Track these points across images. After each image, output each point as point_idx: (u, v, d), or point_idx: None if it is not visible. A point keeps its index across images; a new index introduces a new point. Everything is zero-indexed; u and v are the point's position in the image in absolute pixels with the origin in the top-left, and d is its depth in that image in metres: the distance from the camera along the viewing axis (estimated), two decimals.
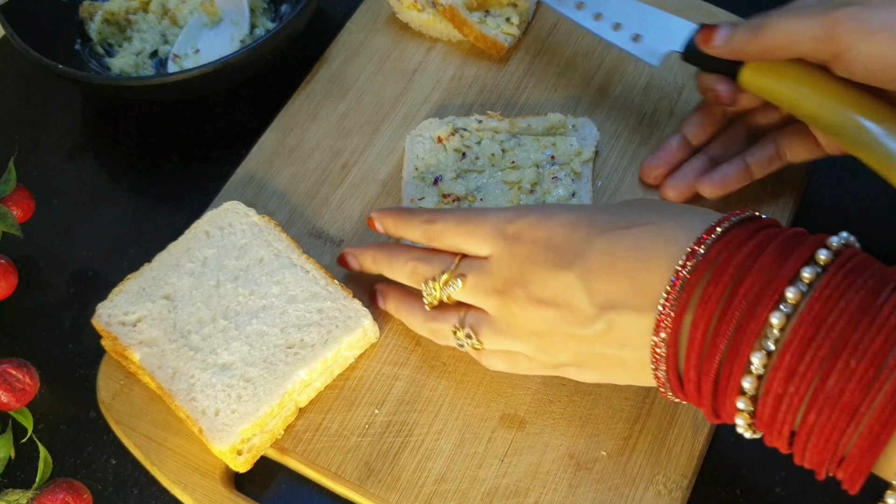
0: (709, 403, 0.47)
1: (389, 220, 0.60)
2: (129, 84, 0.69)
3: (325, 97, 0.71)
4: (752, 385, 0.44)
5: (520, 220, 0.54)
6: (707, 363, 0.46)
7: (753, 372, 0.44)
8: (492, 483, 0.56)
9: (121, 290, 0.61)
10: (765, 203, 0.65)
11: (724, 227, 0.47)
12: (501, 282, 0.53)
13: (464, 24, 0.71)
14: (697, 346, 0.46)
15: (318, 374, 0.58)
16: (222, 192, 0.67)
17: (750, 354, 0.44)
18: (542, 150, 0.66)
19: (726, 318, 0.45)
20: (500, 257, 0.54)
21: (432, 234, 0.57)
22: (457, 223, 0.56)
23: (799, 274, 0.44)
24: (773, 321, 0.43)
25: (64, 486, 0.56)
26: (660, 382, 0.50)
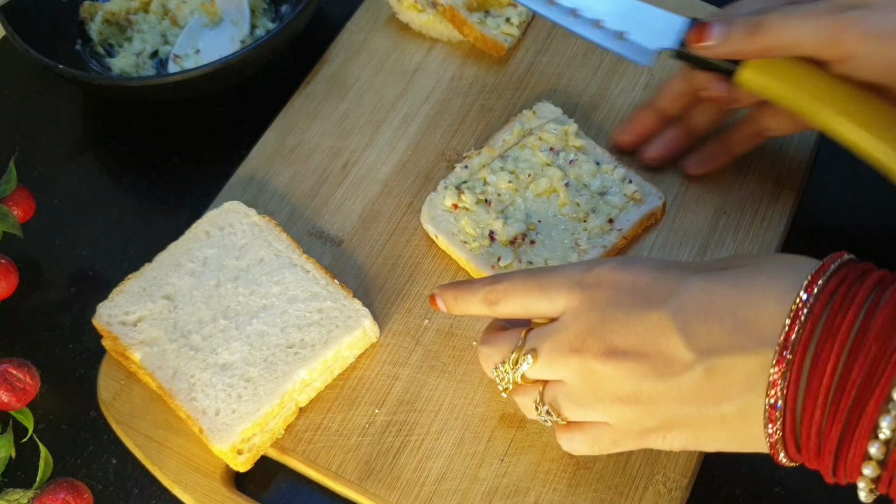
0: (831, 458, 0.42)
1: (449, 295, 0.54)
2: (130, 84, 0.69)
3: (326, 97, 0.71)
4: (890, 425, 0.39)
5: (600, 268, 0.48)
6: (835, 402, 0.41)
7: (892, 411, 0.39)
8: (492, 482, 0.55)
9: (121, 289, 0.60)
10: (764, 203, 0.64)
11: (837, 263, 0.43)
12: (577, 337, 0.47)
13: (464, 24, 0.71)
14: (826, 383, 0.41)
15: (319, 373, 0.58)
16: (223, 192, 0.67)
17: (890, 390, 0.39)
18: (536, 150, 0.65)
19: (859, 348, 0.40)
20: (577, 309, 0.48)
21: (496, 297, 0.51)
22: (524, 280, 0.50)
23: None
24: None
25: (65, 486, 0.56)
26: (772, 433, 0.43)
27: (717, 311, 0.44)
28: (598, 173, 0.64)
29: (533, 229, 0.63)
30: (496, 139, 0.66)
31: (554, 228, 0.63)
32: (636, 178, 0.64)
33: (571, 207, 0.63)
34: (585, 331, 0.47)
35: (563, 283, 0.49)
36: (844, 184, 0.67)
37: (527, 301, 0.50)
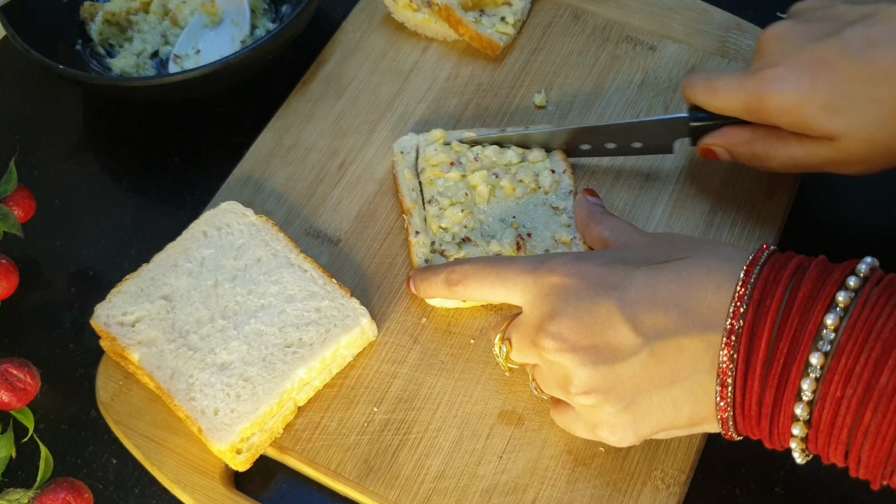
0: (767, 422, 0.45)
1: (417, 276, 0.58)
2: (130, 84, 0.68)
3: (322, 97, 0.71)
4: (810, 387, 0.43)
5: (552, 261, 0.51)
6: (770, 373, 0.44)
7: (810, 374, 0.43)
8: (490, 480, 0.55)
9: (119, 290, 0.60)
10: (759, 201, 0.64)
11: (766, 254, 0.47)
12: (533, 330, 0.50)
13: (459, 23, 0.70)
14: (762, 357, 0.44)
15: (317, 372, 0.57)
16: (220, 192, 0.66)
17: (808, 355, 0.43)
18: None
19: (786, 324, 0.44)
20: (531, 302, 0.51)
21: (456, 278, 0.55)
22: (483, 266, 0.54)
23: (845, 282, 0.44)
24: (828, 322, 0.43)
25: (65, 486, 0.55)
26: (723, 409, 0.46)
27: (661, 301, 0.47)
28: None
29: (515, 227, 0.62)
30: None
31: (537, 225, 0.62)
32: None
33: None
34: (538, 324, 0.50)
35: (517, 273, 0.52)
36: (839, 180, 0.65)
37: (484, 287, 0.53)
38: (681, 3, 0.72)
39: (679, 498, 0.54)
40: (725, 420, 0.46)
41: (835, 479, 0.44)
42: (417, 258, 0.60)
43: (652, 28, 0.71)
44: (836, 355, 0.42)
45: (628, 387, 0.48)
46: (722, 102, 0.57)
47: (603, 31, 0.72)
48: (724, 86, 0.57)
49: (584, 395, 0.49)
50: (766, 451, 0.47)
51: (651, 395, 0.47)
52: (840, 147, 0.54)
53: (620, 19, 0.72)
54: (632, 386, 0.47)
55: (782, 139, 0.57)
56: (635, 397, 0.48)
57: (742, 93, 0.55)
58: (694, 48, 0.70)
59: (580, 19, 0.72)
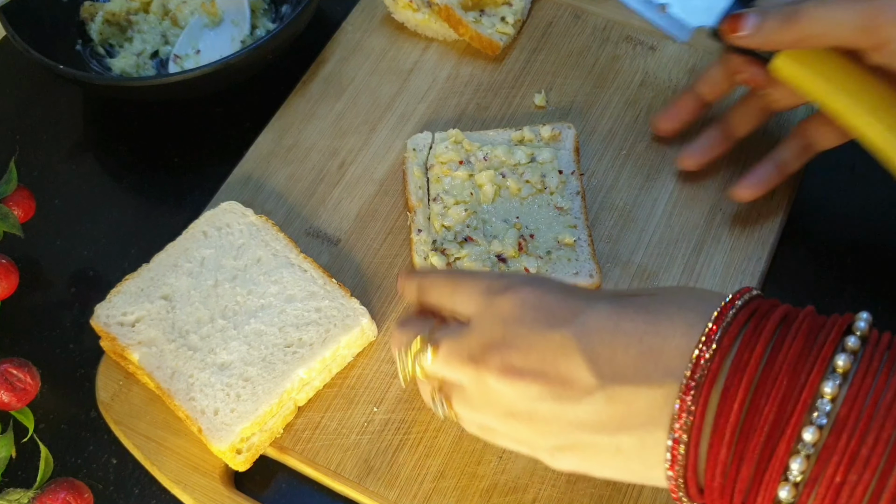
0: (740, 499, 0.39)
1: (401, 279, 0.53)
2: (130, 84, 0.68)
3: (322, 97, 0.70)
4: (801, 468, 0.37)
5: (511, 280, 0.46)
6: (742, 441, 0.38)
7: (801, 452, 0.37)
8: (490, 479, 0.54)
9: (119, 290, 0.60)
10: (759, 201, 0.63)
11: (746, 298, 0.41)
12: (478, 347, 0.45)
13: (459, 23, 0.70)
14: (733, 421, 0.38)
15: (317, 372, 0.57)
16: (220, 192, 0.66)
17: (801, 429, 0.37)
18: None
19: (768, 385, 0.38)
20: (482, 316, 0.45)
21: (423, 286, 0.50)
22: (445, 277, 0.49)
23: (843, 343, 0.38)
24: (826, 390, 0.37)
25: (65, 486, 0.55)
26: (674, 469, 0.40)
27: (623, 336, 0.41)
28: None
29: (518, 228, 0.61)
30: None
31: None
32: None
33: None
34: (486, 343, 0.45)
35: (474, 288, 0.47)
36: (841, 181, 0.66)
37: (442, 297, 0.49)
38: None
39: None
40: (674, 480, 0.41)
41: None
42: (418, 256, 0.60)
43: (652, 28, 0.71)
44: (835, 432, 0.36)
45: (573, 425, 0.43)
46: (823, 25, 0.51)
47: (603, 31, 0.71)
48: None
49: (524, 424, 0.44)
50: None
51: (595, 436, 0.42)
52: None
53: (620, 19, 0.72)
54: (578, 425, 0.43)
55: None
56: (578, 436, 0.43)
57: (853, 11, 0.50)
58: (694, 48, 0.69)
59: (580, 19, 0.72)
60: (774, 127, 0.65)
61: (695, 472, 0.40)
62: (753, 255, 0.61)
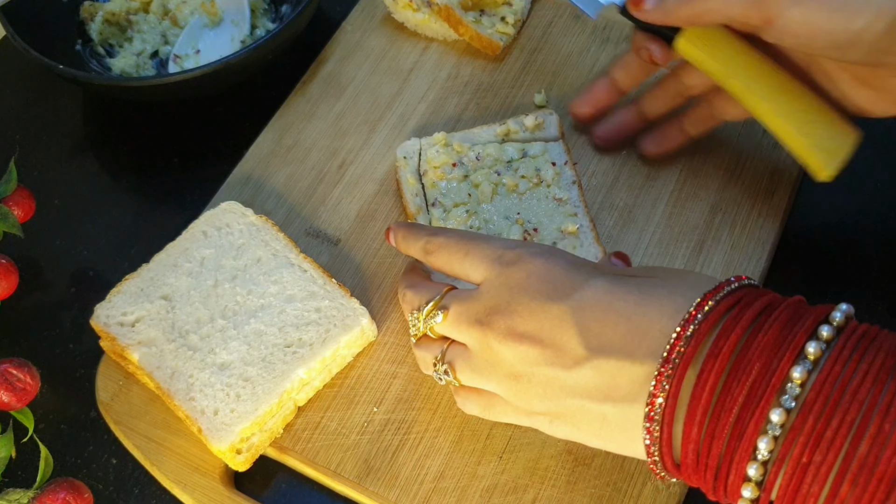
0: (712, 475, 0.41)
1: (400, 232, 0.56)
2: (130, 84, 0.68)
3: (322, 97, 0.70)
4: (768, 447, 0.39)
5: (521, 250, 0.49)
6: (713, 421, 0.41)
7: (770, 433, 0.39)
8: (490, 480, 0.54)
9: (119, 290, 0.59)
10: (759, 199, 0.63)
11: (734, 286, 0.43)
12: (484, 310, 0.48)
13: (459, 23, 0.70)
14: (704, 402, 0.41)
15: (317, 372, 0.57)
16: (219, 192, 0.66)
17: (769, 410, 0.39)
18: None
19: (741, 369, 0.40)
20: (491, 283, 0.49)
21: (430, 248, 0.53)
22: (457, 241, 0.52)
23: (816, 331, 0.40)
24: (795, 375, 0.39)
25: (65, 486, 0.55)
26: (650, 444, 0.43)
27: (614, 314, 0.44)
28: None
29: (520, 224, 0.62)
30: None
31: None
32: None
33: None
34: (492, 307, 0.48)
35: (486, 254, 0.50)
36: (840, 180, 0.65)
37: (452, 261, 0.51)
38: None
39: (679, 498, 0.53)
40: (652, 457, 0.44)
41: None
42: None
43: None
44: (802, 413, 0.38)
45: (564, 389, 0.46)
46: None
47: (603, 31, 0.71)
48: None
49: (521, 386, 0.47)
50: None
51: (583, 402, 0.45)
52: None
53: (620, 19, 0.71)
54: (568, 390, 0.46)
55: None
56: (568, 400, 0.46)
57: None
58: None
59: (580, 19, 0.72)
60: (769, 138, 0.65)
61: (670, 449, 0.43)
62: (753, 255, 0.61)
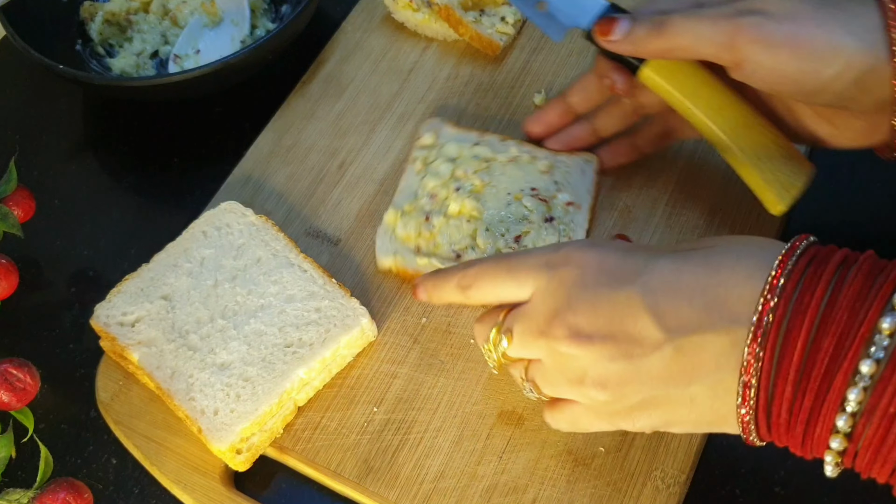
0: (801, 429, 0.41)
1: (429, 283, 0.52)
2: (130, 84, 0.68)
3: (322, 97, 0.70)
4: (857, 398, 0.39)
5: (567, 248, 0.47)
6: (805, 377, 0.40)
7: (859, 383, 0.39)
8: (490, 480, 0.54)
9: (119, 290, 0.59)
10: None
11: (805, 244, 0.42)
12: (544, 319, 0.46)
13: (459, 23, 0.70)
14: (797, 360, 0.40)
15: (317, 372, 0.57)
16: (219, 192, 0.66)
17: (858, 362, 0.38)
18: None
19: (829, 323, 0.39)
20: (544, 290, 0.46)
21: (467, 282, 0.50)
22: (494, 264, 0.49)
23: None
24: (884, 326, 0.38)
25: (65, 486, 0.55)
26: (745, 412, 0.42)
27: (687, 290, 0.43)
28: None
29: None
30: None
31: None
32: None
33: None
34: (552, 313, 0.46)
35: (531, 264, 0.48)
36: (840, 182, 0.65)
37: (496, 285, 0.49)
38: None
39: (679, 498, 0.53)
40: (746, 423, 0.43)
41: (835, 480, 0.44)
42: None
43: None
44: (891, 364, 0.38)
45: (646, 381, 0.44)
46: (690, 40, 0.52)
47: None
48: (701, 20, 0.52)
49: (600, 388, 0.45)
50: (766, 451, 0.46)
51: (668, 389, 0.44)
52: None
53: None
54: (649, 381, 0.44)
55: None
56: (652, 392, 0.45)
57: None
58: None
59: None
60: None
61: (766, 412, 0.42)
62: None
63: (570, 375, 0.46)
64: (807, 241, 0.43)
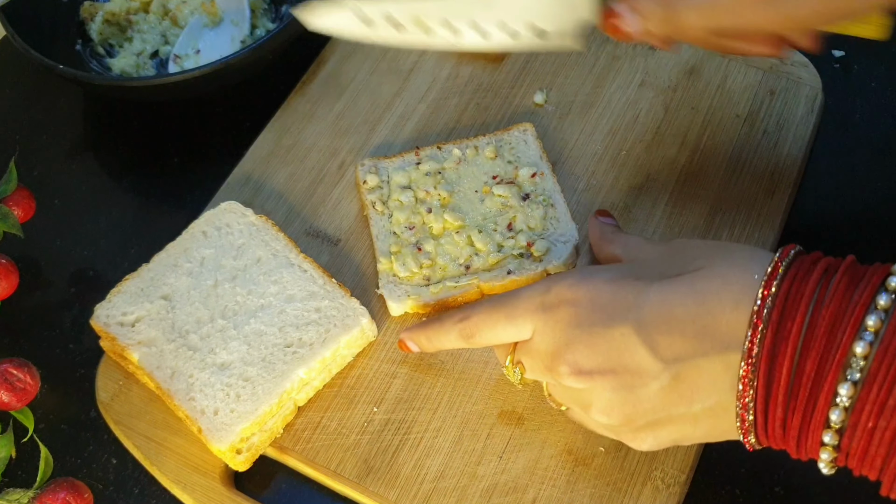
0: (794, 442, 0.44)
1: (422, 336, 0.54)
2: (130, 84, 0.68)
3: (322, 97, 0.70)
4: (839, 418, 0.41)
5: (558, 286, 0.48)
6: (793, 398, 0.42)
7: (839, 404, 0.41)
8: (490, 480, 0.54)
9: (119, 290, 0.59)
10: (759, 199, 0.63)
11: (787, 262, 0.44)
12: (549, 357, 0.48)
13: None
14: (784, 383, 0.42)
15: (317, 372, 0.57)
16: (219, 192, 0.66)
17: (836, 385, 0.41)
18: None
19: (810, 349, 0.41)
20: (542, 331, 0.48)
21: (469, 332, 0.52)
22: (491, 310, 0.51)
23: (874, 301, 0.41)
24: (857, 350, 0.40)
25: (65, 486, 0.55)
26: (744, 427, 0.45)
27: (678, 322, 0.45)
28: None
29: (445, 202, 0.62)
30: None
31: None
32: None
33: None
34: (552, 353, 0.48)
35: (526, 307, 0.49)
36: (840, 180, 0.65)
37: (497, 332, 0.51)
38: None
39: (679, 498, 0.53)
40: (747, 435, 0.45)
41: (835, 480, 0.44)
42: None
43: None
44: (867, 385, 0.40)
45: (648, 407, 0.46)
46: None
47: None
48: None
49: (605, 416, 0.47)
50: (766, 451, 0.46)
51: (670, 411, 0.46)
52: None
53: None
54: (652, 406, 0.46)
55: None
56: (655, 415, 0.47)
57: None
58: (694, 48, 0.69)
59: None
60: (769, 139, 0.65)
61: (763, 429, 0.44)
62: None
63: (579, 403, 0.49)
64: (789, 258, 0.44)
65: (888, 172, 0.56)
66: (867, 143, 0.62)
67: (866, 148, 0.67)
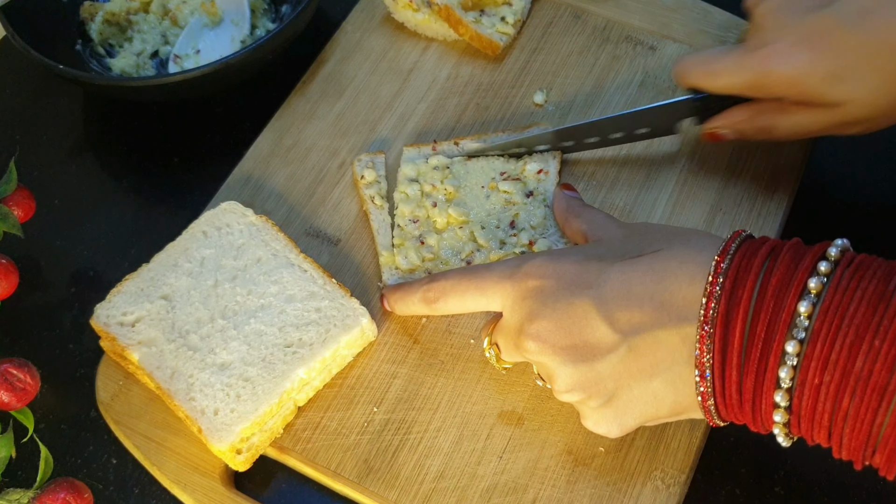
0: (749, 408, 0.46)
1: (393, 295, 0.58)
2: (130, 84, 0.68)
3: (322, 97, 0.70)
4: (787, 375, 0.43)
5: (529, 263, 0.51)
6: (746, 361, 0.45)
7: (787, 363, 0.43)
8: (490, 480, 0.54)
9: (119, 290, 0.59)
10: (760, 198, 0.63)
11: (737, 242, 0.47)
12: (515, 333, 0.51)
13: (459, 23, 0.70)
14: (738, 346, 0.45)
15: (317, 372, 0.57)
16: (219, 192, 0.66)
17: (784, 344, 0.43)
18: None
19: (760, 313, 0.44)
20: (511, 306, 0.51)
21: (434, 295, 0.55)
22: (460, 278, 0.54)
23: (816, 268, 0.44)
24: (801, 309, 0.43)
25: (65, 486, 0.55)
26: (704, 396, 0.47)
27: (636, 297, 0.47)
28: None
29: None
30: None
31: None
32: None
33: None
34: (518, 327, 0.50)
35: (496, 279, 0.52)
36: (842, 183, 0.65)
37: (464, 298, 0.53)
38: (681, 4, 0.71)
39: (679, 498, 0.53)
40: (708, 408, 0.47)
41: (835, 480, 0.44)
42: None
43: (652, 28, 0.71)
44: (811, 342, 0.43)
45: (609, 382, 0.48)
46: (723, 83, 0.57)
47: (603, 31, 0.71)
48: (724, 68, 0.57)
49: (568, 393, 0.50)
50: (766, 451, 0.47)
51: (631, 388, 0.48)
52: (843, 111, 0.55)
53: (620, 19, 0.71)
54: (612, 381, 0.48)
55: (786, 110, 0.57)
56: (616, 392, 0.49)
57: (744, 73, 0.56)
58: (694, 48, 0.69)
59: (580, 19, 0.72)
60: None
61: (722, 396, 0.46)
62: None
63: (550, 376, 0.51)
64: (740, 238, 0.47)
65: (888, 173, 0.56)
66: (867, 143, 0.62)
67: (866, 148, 0.67)
